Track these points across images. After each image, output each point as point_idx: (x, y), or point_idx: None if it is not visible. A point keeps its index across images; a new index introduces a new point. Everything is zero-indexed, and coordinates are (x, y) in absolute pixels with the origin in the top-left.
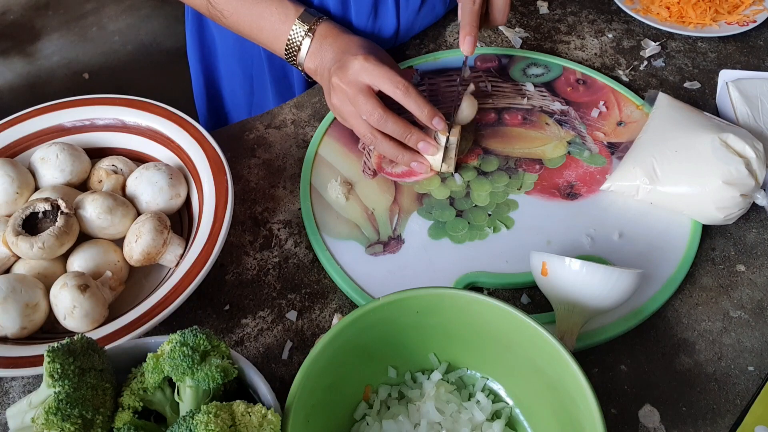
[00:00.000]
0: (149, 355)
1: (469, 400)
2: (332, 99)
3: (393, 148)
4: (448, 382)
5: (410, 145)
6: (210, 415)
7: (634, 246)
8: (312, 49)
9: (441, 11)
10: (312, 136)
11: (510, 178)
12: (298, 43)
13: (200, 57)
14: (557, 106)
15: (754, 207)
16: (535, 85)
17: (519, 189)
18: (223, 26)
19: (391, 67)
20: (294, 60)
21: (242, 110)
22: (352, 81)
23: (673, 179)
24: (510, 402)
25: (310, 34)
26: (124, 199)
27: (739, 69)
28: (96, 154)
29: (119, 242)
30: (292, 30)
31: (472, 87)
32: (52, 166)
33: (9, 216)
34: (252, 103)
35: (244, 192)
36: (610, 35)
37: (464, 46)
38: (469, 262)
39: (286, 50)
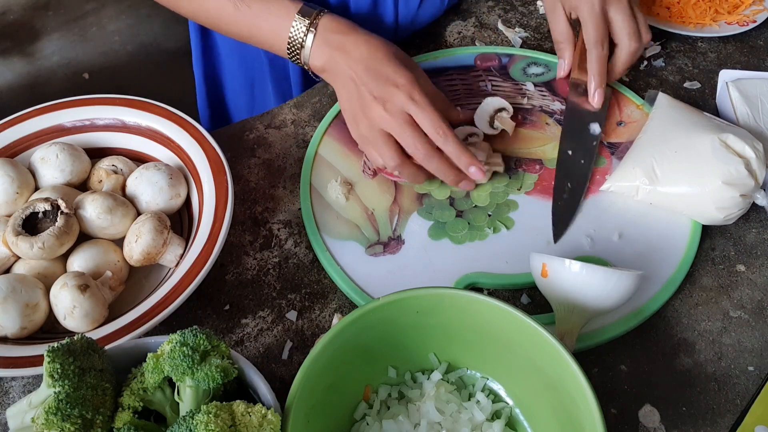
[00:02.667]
0: (149, 355)
1: (469, 400)
2: (361, 125)
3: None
4: (448, 382)
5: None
6: (210, 415)
7: (634, 246)
8: (316, 44)
9: (442, 5)
10: (312, 136)
11: (510, 178)
12: (301, 41)
13: (203, 57)
14: (557, 105)
15: (754, 207)
16: (536, 85)
17: (519, 189)
18: (222, 33)
19: (426, 85)
20: (298, 59)
21: (243, 111)
22: (396, 111)
23: (672, 179)
24: (510, 402)
25: (312, 29)
26: (124, 199)
27: (739, 69)
28: (96, 154)
29: (119, 242)
30: (293, 26)
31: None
32: (52, 166)
33: (9, 216)
34: (253, 105)
35: (244, 192)
36: None
37: (594, 100)
38: (469, 263)
39: (288, 49)
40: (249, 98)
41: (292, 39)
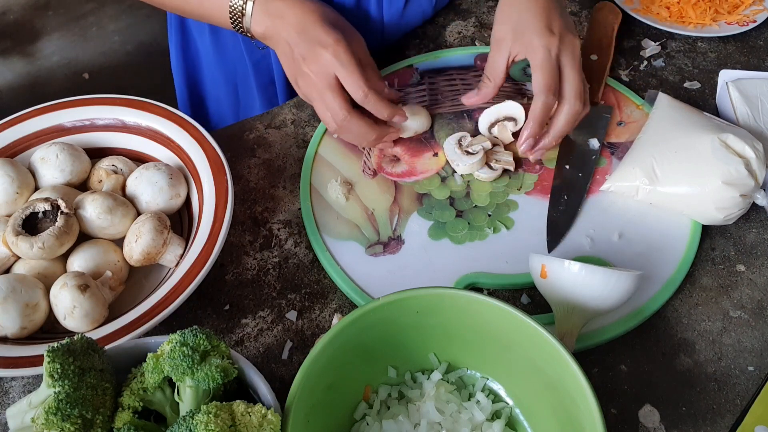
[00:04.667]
0: (149, 355)
1: (469, 400)
2: (300, 84)
3: (357, 138)
4: (448, 382)
5: (367, 146)
6: (210, 415)
7: (633, 247)
8: (256, 12)
9: (430, 5)
10: (312, 136)
11: (510, 178)
12: (241, 9)
13: (184, 67)
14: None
15: (754, 207)
16: None
17: (519, 189)
18: (171, 11)
19: (358, 49)
20: (242, 28)
21: (228, 119)
22: (321, 73)
23: (672, 179)
24: (510, 402)
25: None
26: (124, 199)
27: (739, 69)
28: (96, 154)
29: (119, 242)
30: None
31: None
32: (52, 166)
33: (9, 216)
34: (238, 112)
35: (244, 192)
36: None
37: (521, 148)
38: (469, 263)
39: (231, 20)
40: (234, 107)
41: (233, 8)
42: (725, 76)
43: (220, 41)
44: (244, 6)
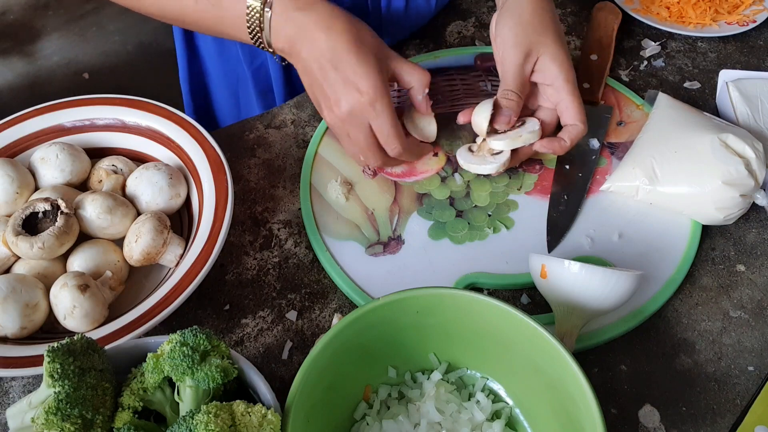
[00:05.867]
0: (149, 355)
1: (469, 400)
2: (326, 115)
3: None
4: (448, 382)
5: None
6: (210, 415)
7: (633, 246)
8: (275, 23)
9: (430, 6)
10: (312, 136)
11: (510, 178)
12: (258, 21)
13: (190, 72)
14: None
15: (754, 207)
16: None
17: (519, 189)
18: (194, 30)
19: (396, 64)
20: (262, 42)
21: (229, 122)
22: (355, 121)
23: (672, 179)
24: (510, 402)
25: (267, 8)
26: (124, 199)
27: (739, 69)
28: (96, 154)
29: (119, 242)
30: (248, 6)
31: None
32: (52, 166)
33: (9, 216)
34: (239, 117)
35: (244, 192)
36: None
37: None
38: (469, 263)
39: (250, 33)
40: (234, 110)
41: (250, 20)
42: (725, 76)
43: (222, 47)
44: (262, 18)
